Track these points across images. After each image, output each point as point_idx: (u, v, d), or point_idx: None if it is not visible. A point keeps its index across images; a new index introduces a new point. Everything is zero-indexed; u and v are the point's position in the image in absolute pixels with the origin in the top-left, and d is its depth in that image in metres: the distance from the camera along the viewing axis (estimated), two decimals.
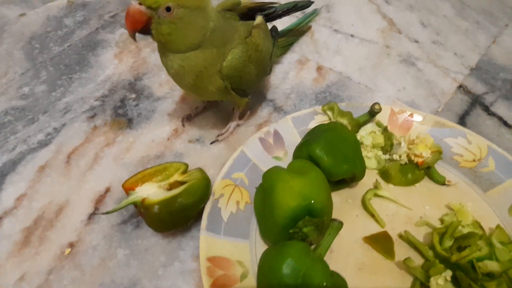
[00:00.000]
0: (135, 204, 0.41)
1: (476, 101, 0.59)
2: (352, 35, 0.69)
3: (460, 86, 0.61)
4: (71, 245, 0.43)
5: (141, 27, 0.38)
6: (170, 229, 0.43)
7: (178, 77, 0.44)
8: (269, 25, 0.55)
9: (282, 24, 0.69)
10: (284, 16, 0.57)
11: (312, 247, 0.39)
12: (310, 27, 0.71)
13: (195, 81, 0.44)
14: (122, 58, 0.63)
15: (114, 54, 0.64)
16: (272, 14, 0.54)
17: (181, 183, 0.42)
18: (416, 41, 0.68)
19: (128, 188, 0.41)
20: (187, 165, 0.44)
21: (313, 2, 0.64)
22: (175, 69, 0.43)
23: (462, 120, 0.56)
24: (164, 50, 0.42)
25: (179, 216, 0.40)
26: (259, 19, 0.50)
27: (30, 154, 0.51)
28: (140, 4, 0.37)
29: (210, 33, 0.41)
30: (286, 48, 0.65)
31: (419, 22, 0.72)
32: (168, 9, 0.37)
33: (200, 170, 0.43)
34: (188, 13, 0.38)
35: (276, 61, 0.63)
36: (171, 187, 0.42)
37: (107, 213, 0.41)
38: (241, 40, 0.45)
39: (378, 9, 0.75)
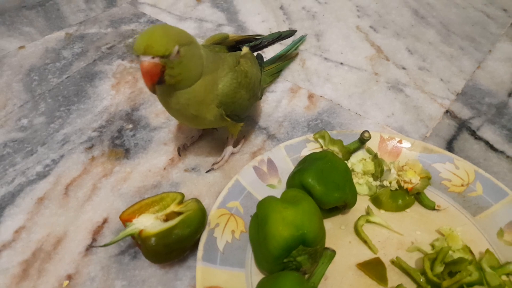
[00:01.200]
0: (132, 235, 0.42)
1: (463, 126, 0.61)
2: (341, 63, 0.72)
3: (447, 111, 0.63)
4: (69, 277, 0.43)
5: (159, 78, 0.39)
6: (167, 261, 0.43)
7: (182, 111, 0.45)
8: (256, 54, 0.59)
9: (273, 51, 0.71)
10: (270, 46, 0.60)
11: (306, 276, 0.40)
12: (297, 54, 0.73)
13: (197, 112, 0.45)
14: (119, 89, 0.65)
15: (111, 85, 0.66)
16: (258, 45, 0.58)
17: (178, 213, 0.43)
18: (404, 68, 0.71)
19: (125, 220, 0.42)
20: (183, 195, 0.45)
21: (296, 31, 0.67)
22: (182, 103, 0.44)
23: (450, 145, 0.58)
24: (172, 90, 0.43)
25: (175, 247, 0.41)
26: (245, 49, 0.53)
27: (29, 186, 0.52)
28: (152, 57, 0.38)
29: (205, 61, 0.44)
30: (275, 75, 0.67)
31: (405, 49, 0.75)
32: (178, 52, 0.39)
33: (196, 201, 0.44)
34: (188, 49, 0.41)
35: (268, 89, 0.65)
36: (168, 217, 0.43)
37: (104, 245, 0.42)
38: (230, 68, 0.47)
39: (366, 37, 0.78)
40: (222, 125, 0.50)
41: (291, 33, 0.66)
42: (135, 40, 0.40)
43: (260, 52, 0.63)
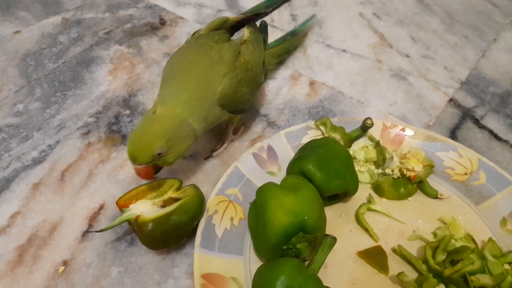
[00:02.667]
0: (129, 221, 0.41)
1: (466, 115, 0.60)
2: (344, 50, 0.70)
3: (451, 100, 0.62)
4: (65, 263, 0.43)
5: (153, 173, 0.43)
6: (163, 247, 0.42)
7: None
8: (260, 22, 0.56)
9: (278, 34, 0.70)
10: (276, 9, 0.58)
11: (306, 263, 0.39)
12: (306, 34, 0.71)
13: (212, 125, 0.47)
14: (117, 75, 0.64)
15: (108, 71, 0.64)
16: (262, 16, 0.55)
17: (175, 200, 0.42)
18: (407, 56, 0.70)
19: (122, 205, 0.41)
20: (181, 182, 0.44)
21: None
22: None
23: (453, 134, 0.57)
24: None
25: (172, 234, 0.40)
26: (246, 33, 0.50)
27: (24, 171, 0.51)
28: (139, 164, 0.41)
29: (196, 121, 0.43)
30: (283, 56, 0.65)
31: (409, 37, 0.74)
32: (159, 153, 0.40)
33: (194, 187, 0.43)
34: (173, 139, 0.41)
35: (269, 76, 0.64)
36: (165, 204, 0.42)
37: (101, 231, 0.41)
38: (228, 67, 0.45)
39: (369, 24, 0.76)
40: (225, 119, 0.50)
41: None
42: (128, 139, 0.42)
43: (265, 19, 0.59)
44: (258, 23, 0.56)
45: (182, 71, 0.45)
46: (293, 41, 0.68)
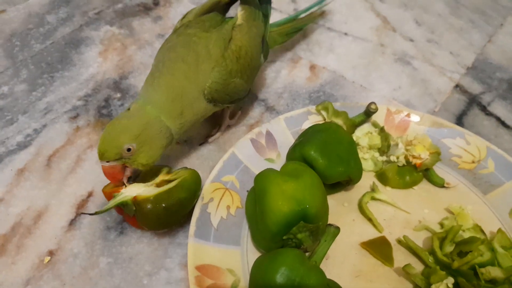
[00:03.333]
0: (122, 205, 0.38)
1: (473, 101, 0.57)
2: (345, 33, 0.67)
3: (457, 86, 0.59)
4: (51, 253, 0.40)
5: (123, 175, 0.39)
6: (166, 227, 0.40)
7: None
8: None
9: (276, 16, 0.66)
10: None
11: (307, 254, 0.37)
12: (323, 12, 0.67)
13: (200, 119, 0.45)
14: (107, 56, 0.61)
15: (98, 52, 0.61)
16: None
17: (169, 181, 0.40)
18: (411, 40, 0.67)
19: (110, 192, 0.39)
20: (170, 167, 0.42)
21: None
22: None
23: (459, 120, 0.54)
24: None
25: (175, 210, 0.38)
26: (240, 14, 0.47)
27: (8, 156, 0.48)
28: (107, 161, 0.38)
29: (171, 119, 0.40)
30: (291, 35, 0.60)
31: (413, 20, 0.71)
32: (128, 149, 0.38)
33: (186, 168, 0.41)
34: (142, 136, 0.38)
35: (268, 58, 0.61)
36: (158, 186, 0.39)
37: (96, 213, 0.38)
38: (216, 61, 0.43)
39: (372, 7, 0.73)
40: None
41: None
42: None
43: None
44: None
45: (167, 66, 0.42)
46: (305, 19, 0.62)
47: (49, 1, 0.70)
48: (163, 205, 0.37)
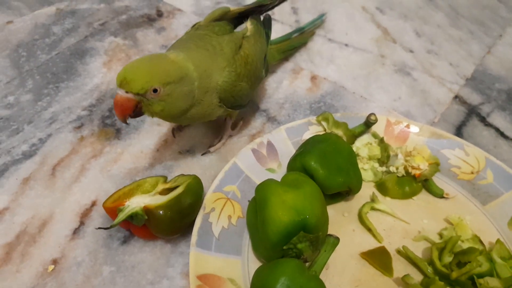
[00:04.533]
0: (131, 216, 0.39)
1: (472, 112, 0.58)
2: (346, 44, 0.68)
3: (456, 97, 0.60)
4: (55, 261, 0.41)
5: (131, 112, 0.38)
6: (178, 231, 0.41)
7: (184, 121, 0.46)
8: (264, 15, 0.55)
9: (278, 27, 0.68)
10: (282, 2, 0.55)
11: (307, 264, 0.38)
12: (314, 33, 0.70)
13: (198, 118, 0.45)
14: (111, 67, 0.62)
15: (103, 63, 0.62)
16: (266, 9, 0.53)
17: (170, 189, 0.40)
18: (411, 51, 0.68)
19: (112, 207, 0.39)
20: (165, 177, 0.43)
21: None
22: (184, 122, 0.45)
23: (458, 131, 0.55)
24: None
25: (186, 213, 0.40)
26: (249, 27, 0.49)
27: (14, 165, 0.49)
28: (126, 92, 0.37)
29: (197, 90, 0.41)
30: (287, 52, 0.63)
31: (413, 32, 0.72)
32: (155, 90, 0.37)
33: (183, 175, 0.42)
34: (174, 87, 0.38)
35: (270, 69, 0.62)
36: (162, 194, 0.40)
37: (111, 226, 0.39)
38: (228, 61, 0.44)
39: (372, 18, 0.75)
40: (224, 114, 0.48)
41: None
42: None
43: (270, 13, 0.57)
44: (262, 16, 0.54)
45: (191, 46, 0.43)
46: (300, 38, 0.66)
47: (55, 12, 0.72)
48: (176, 209, 0.38)
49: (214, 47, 0.44)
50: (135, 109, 0.38)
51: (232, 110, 0.46)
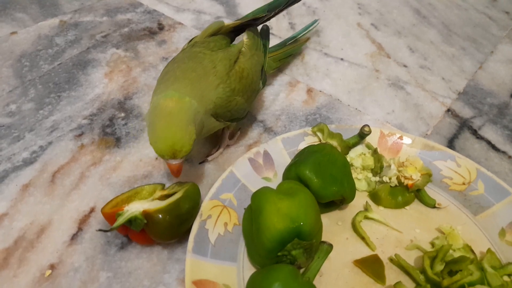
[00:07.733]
0: (130, 221, 0.39)
1: (464, 125, 0.59)
2: (341, 59, 0.70)
3: (448, 110, 0.62)
4: (52, 266, 0.41)
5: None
6: (176, 237, 0.42)
7: None
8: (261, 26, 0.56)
9: (276, 42, 0.69)
10: (278, 14, 0.56)
11: (301, 270, 0.38)
12: (308, 38, 0.71)
13: (206, 134, 0.47)
14: (113, 77, 0.63)
15: (104, 73, 0.64)
16: (262, 21, 0.55)
17: (168, 196, 0.41)
18: (405, 66, 0.70)
19: (111, 212, 0.40)
20: (163, 184, 0.44)
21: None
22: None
23: (451, 144, 0.56)
24: None
25: (185, 219, 0.40)
26: (246, 40, 0.50)
27: (14, 172, 0.49)
28: (181, 157, 0.39)
29: (203, 115, 0.42)
30: (283, 60, 0.64)
31: (407, 47, 0.74)
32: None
33: (181, 183, 0.43)
34: (197, 130, 0.40)
35: (267, 82, 0.64)
36: (160, 200, 0.41)
37: (111, 229, 0.39)
38: (221, 79, 0.45)
39: (367, 34, 0.77)
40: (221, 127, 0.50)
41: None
42: (152, 139, 0.40)
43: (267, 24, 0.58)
44: (259, 27, 0.56)
45: (178, 75, 0.43)
46: (294, 45, 0.67)
47: (58, 24, 0.74)
48: (175, 214, 0.39)
49: (205, 66, 0.44)
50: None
51: (230, 123, 0.48)
